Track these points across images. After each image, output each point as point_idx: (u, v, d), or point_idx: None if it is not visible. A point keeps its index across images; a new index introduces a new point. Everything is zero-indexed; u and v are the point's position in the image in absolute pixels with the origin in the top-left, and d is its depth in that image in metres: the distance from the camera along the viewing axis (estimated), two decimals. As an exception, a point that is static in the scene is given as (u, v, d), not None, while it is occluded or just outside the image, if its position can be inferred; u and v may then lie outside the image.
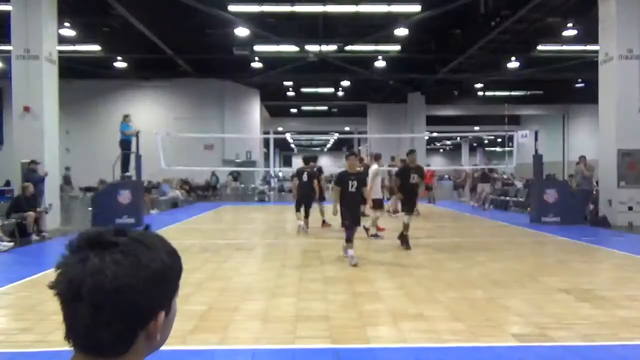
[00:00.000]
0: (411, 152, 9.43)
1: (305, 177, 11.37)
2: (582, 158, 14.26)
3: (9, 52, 13.20)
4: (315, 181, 11.48)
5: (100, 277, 0.76)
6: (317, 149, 76.56)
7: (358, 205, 7.92)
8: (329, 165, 69.32)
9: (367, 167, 10.98)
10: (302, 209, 11.31)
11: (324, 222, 12.27)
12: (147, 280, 0.79)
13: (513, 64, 23.88)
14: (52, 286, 0.80)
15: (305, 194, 11.34)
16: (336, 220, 10.44)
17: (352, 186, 7.65)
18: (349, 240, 7.55)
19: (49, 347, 3.97)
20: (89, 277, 0.76)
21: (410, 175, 8.90)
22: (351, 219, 7.72)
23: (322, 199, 12.31)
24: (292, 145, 69.63)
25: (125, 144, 13.85)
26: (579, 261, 7.80)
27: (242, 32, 18.33)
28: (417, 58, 23.63)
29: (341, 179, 7.75)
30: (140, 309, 0.79)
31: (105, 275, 0.76)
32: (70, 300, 0.77)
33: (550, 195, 12.89)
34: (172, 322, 0.88)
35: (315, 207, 12.04)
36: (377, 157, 10.90)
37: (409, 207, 8.95)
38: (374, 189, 9.93)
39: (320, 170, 12.45)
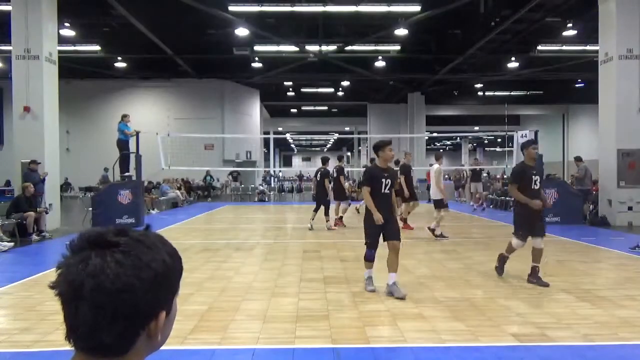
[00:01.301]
0: (530, 142, 6.51)
1: (319, 176, 12.22)
2: (575, 159, 14.27)
3: (9, 52, 13.21)
4: (326, 180, 12.10)
5: (101, 277, 0.76)
6: (317, 148, 76.56)
7: (391, 213, 5.84)
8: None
9: (406, 167, 11.54)
10: (327, 207, 12.08)
11: (341, 219, 12.54)
12: (148, 281, 0.79)
13: (513, 64, 23.90)
14: (53, 286, 0.80)
15: (317, 192, 12.30)
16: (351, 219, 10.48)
17: (385, 186, 5.75)
18: (369, 259, 5.76)
19: (49, 347, 3.98)
20: (90, 277, 0.76)
21: (533, 179, 6.19)
22: (374, 237, 5.75)
23: (342, 198, 12.71)
24: (292, 145, 69.64)
25: (122, 144, 13.84)
26: (579, 261, 7.80)
27: (242, 32, 18.35)
28: (417, 58, 23.64)
29: (372, 176, 5.81)
30: (141, 309, 0.79)
31: (106, 275, 0.76)
32: (71, 300, 0.77)
33: (550, 195, 12.89)
34: (172, 322, 0.88)
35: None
36: (438, 157, 10.93)
37: (534, 227, 6.22)
38: (437, 189, 10.09)
39: (340, 170, 12.71)
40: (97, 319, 0.76)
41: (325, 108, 38.25)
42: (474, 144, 64.92)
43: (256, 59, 23.58)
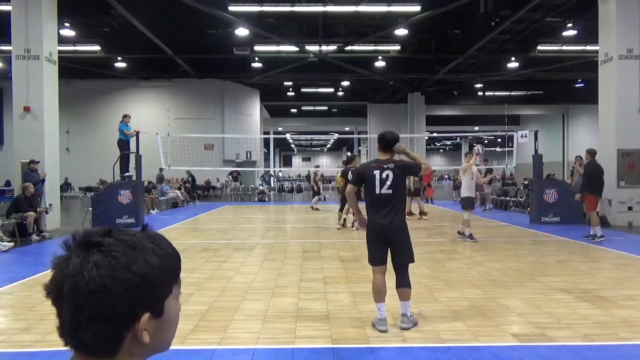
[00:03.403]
0: None
1: (350, 176, 11.94)
2: (578, 158, 14.27)
3: (9, 52, 13.21)
4: None
5: (78, 277, 0.76)
6: (317, 148, 76.56)
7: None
8: (327, 164, 69.34)
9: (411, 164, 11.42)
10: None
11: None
12: (126, 282, 0.78)
13: (513, 64, 23.89)
14: (44, 286, 0.80)
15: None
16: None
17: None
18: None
19: (49, 347, 3.98)
20: (70, 278, 0.77)
21: None
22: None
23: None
24: (292, 145, 69.68)
25: (123, 144, 13.85)
26: (579, 261, 7.80)
27: (242, 32, 18.35)
28: (417, 58, 23.64)
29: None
30: (119, 311, 0.77)
31: (82, 276, 0.76)
32: (55, 299, 0.78)
33: (550, 195, 12.90)
34: (169, 324, 0.85)
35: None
36: (467, 155, 10.90)
37: None
38: (469, 187, 10.07)
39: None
40: (76, 318, 0.76)
41: (325, 108, 38.25)
42: (474, 144, 64.92)
43: (256, 59, 23.58)
